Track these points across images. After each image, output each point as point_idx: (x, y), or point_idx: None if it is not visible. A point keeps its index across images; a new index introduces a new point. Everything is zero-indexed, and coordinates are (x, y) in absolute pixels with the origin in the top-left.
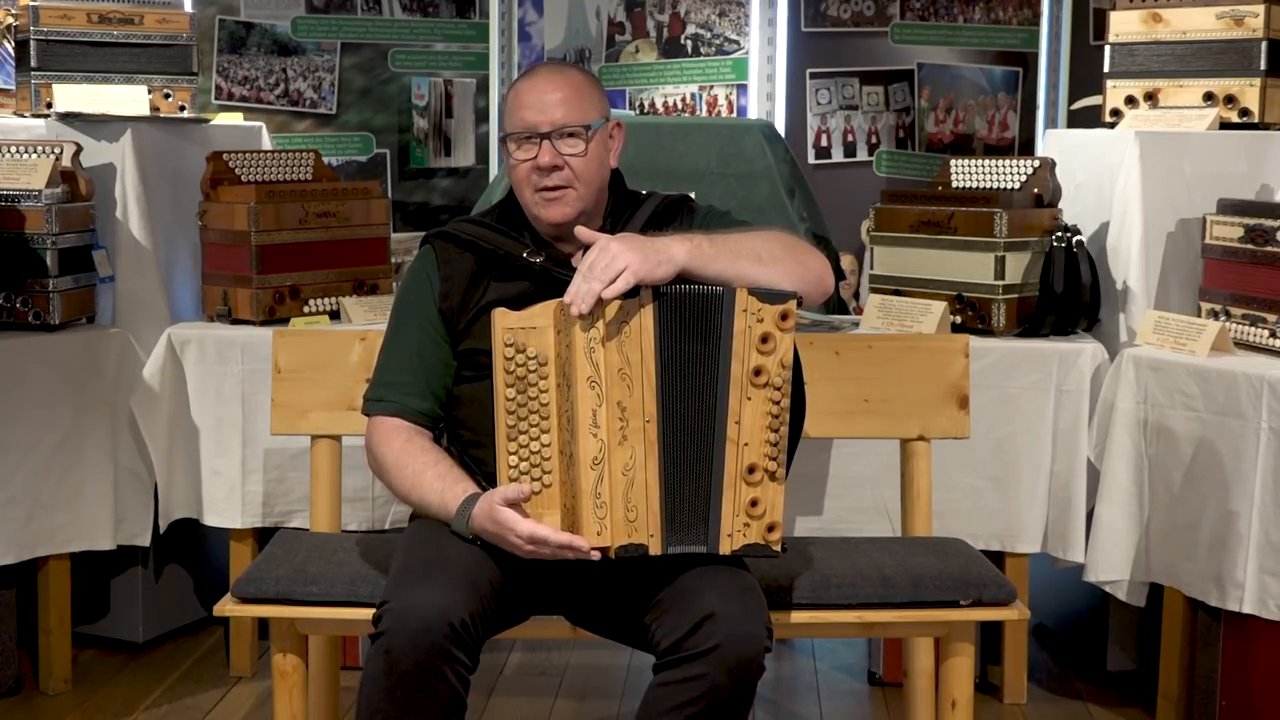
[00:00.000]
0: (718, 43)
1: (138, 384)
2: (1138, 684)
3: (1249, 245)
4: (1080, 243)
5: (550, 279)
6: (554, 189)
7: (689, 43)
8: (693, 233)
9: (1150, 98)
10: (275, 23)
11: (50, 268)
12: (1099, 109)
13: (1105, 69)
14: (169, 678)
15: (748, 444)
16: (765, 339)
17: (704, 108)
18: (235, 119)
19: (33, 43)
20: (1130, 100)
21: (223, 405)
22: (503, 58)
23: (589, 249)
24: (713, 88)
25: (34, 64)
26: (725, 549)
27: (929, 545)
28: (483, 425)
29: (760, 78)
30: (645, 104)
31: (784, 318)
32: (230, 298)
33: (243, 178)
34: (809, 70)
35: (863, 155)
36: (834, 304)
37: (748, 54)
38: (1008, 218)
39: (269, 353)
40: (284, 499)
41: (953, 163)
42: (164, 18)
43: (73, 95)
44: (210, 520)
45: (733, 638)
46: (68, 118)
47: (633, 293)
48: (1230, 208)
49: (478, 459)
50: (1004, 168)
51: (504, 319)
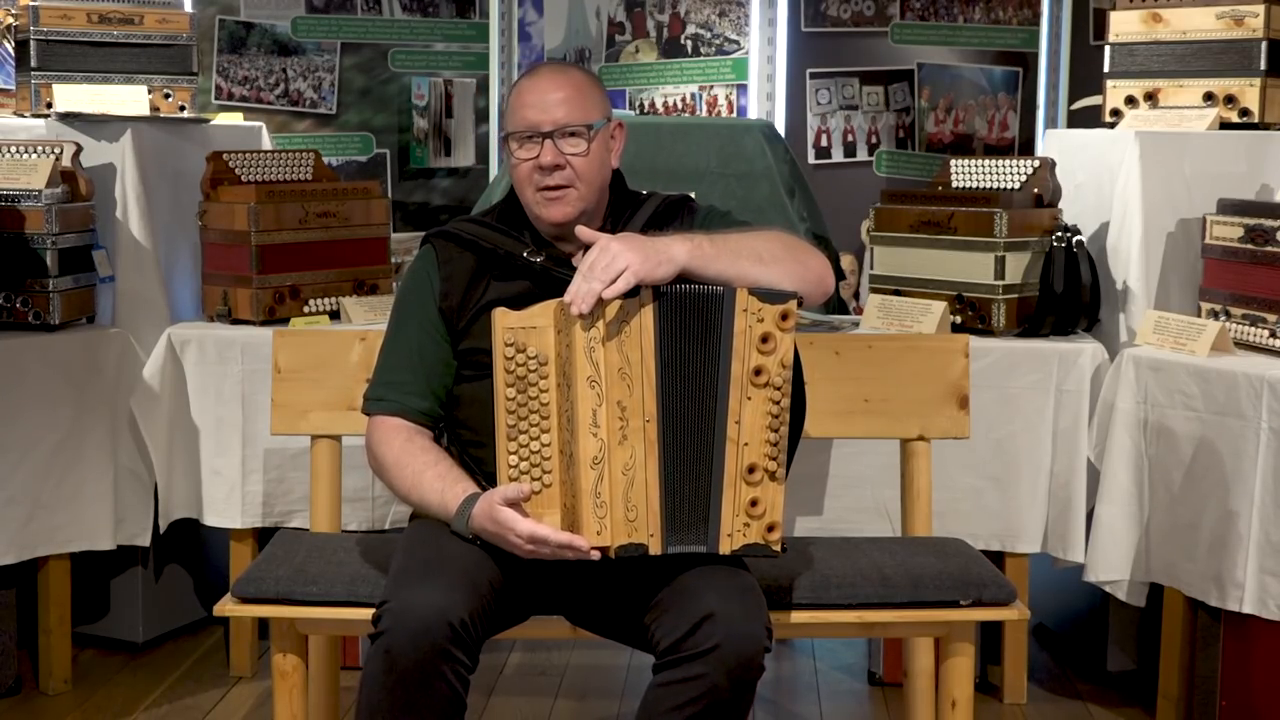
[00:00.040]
0: (718, 43)
1: (138, 384)
2: (1138, 684)
3: (1249, 245)
4: (1080, 243)
5: (551, 279)
6: (555, 188)
7: (689, 43)
8: (693, 233)
9: (1150, 98)
10: (275, 23)
11: (50, 268)
12: (1099, 109)
13: (1105, 69)
14: (169, 678)
15: (748, 444)
16: (765, 339)
17: (704, 108)
18: (235, 119)
19: (33, 43)
20: (1130, 100)
21: (223, 405)
22: (503, 58)
23: (589, 249)
24: (713, 88)
25: (34, 64)
26: (725, 549)
27: (929, 545)
28: (483, 425)
29: (760, 78)
30: (645, 104)
31: (784, 318)
32: (230, 298)
33: (243, 178)
34: (809, 70)
35: (863, 155)
36: (834, 304)
37: (748, 54)
38: (1008, 218)
39: (269, 353)
40: (284, 499)
41: (953, 163)
42: (164, 18)
43: (73, 95)
44: (210, 520)
45: (732, 638)
46: (68, 118)
47: (633, 292)
48: (1230, 208)
49: (478, 458)
50: (1004, 168)
51: (504, 318)
